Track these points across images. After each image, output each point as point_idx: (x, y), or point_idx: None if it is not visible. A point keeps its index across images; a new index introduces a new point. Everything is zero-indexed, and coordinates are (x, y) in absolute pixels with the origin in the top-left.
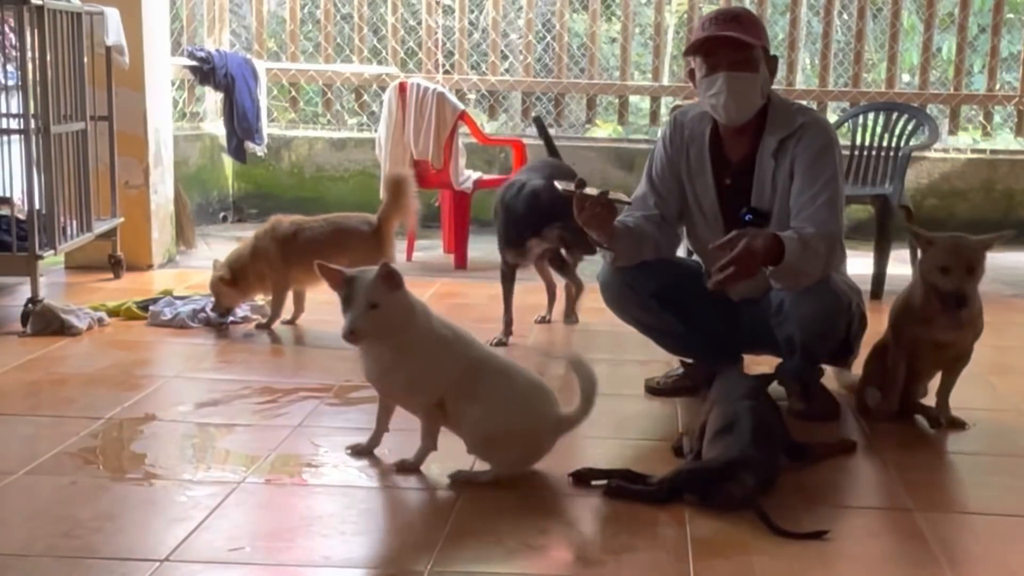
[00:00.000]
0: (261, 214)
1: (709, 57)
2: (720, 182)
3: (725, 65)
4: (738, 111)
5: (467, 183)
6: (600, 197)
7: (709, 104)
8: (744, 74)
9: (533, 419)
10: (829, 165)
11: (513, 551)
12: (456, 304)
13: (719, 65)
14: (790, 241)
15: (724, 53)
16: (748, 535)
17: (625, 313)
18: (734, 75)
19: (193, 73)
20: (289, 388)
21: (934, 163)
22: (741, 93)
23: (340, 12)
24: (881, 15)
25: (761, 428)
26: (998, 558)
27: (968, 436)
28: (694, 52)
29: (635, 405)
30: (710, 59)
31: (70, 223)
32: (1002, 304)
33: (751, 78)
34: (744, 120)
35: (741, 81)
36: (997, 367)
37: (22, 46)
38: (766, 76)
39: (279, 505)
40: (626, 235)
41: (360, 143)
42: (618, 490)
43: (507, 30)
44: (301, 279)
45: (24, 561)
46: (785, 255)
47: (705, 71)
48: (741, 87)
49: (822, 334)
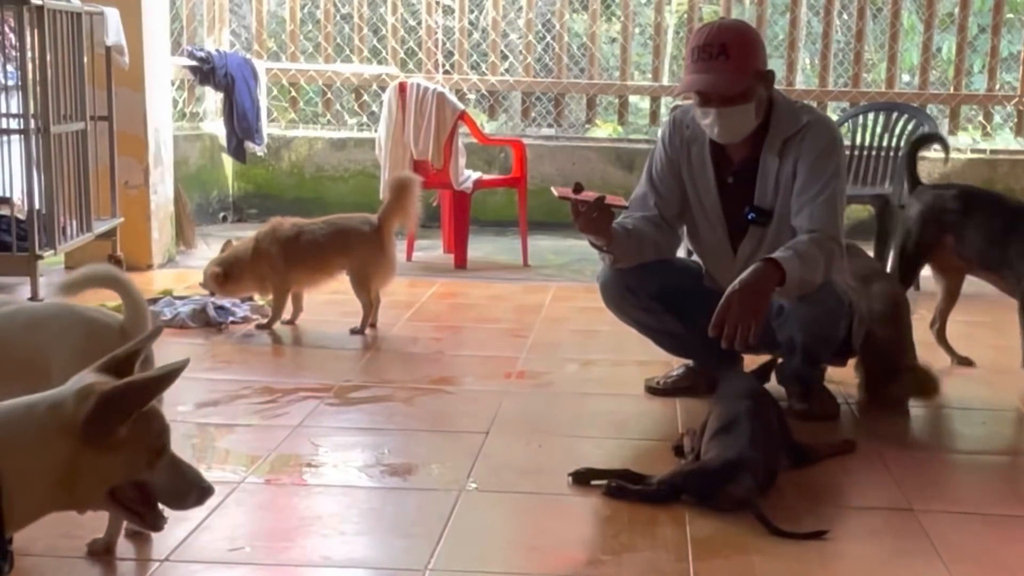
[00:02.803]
0: (261, 214)
1: (699, 94)
2: (722, 181)
3: (716, 102)
4: (732, 137)
5: (467, 183)
6: (596, 202)
7: (705, 127)
8: (736, 108)
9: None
10: (831, 164)
11: (513, 551)
12: (456, 304)
13: (710, 101)
14: (788, 262)
15: (714, 94)
16: (748, 535)
17: (625, 315)
18: (726, 111)
19: (193, 73)
20: (289, 388)
21: (934, 163)
22: (734, 124)
23: (340, 12)
24: (881, 15)
25: (760, 428)
26: (998, 558)
27: (968, 436)
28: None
29: (635, 405)
30: (700, 96)
31: (70, 223)
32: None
33: (744, 109)
34: (739, 140)
35: (734, 115)
36: (997, 367)
37: (22, 46)
38: (761, 97)
39: (279, 505)
40: (625, 237)
41: (360, 143)
42: (618, 490)
43: (507, 30)
44: (302, 280)
45: (24, 561)
46: (787, 278)
47: (698, 102)
48: (734, 120)
49: (823, 336)
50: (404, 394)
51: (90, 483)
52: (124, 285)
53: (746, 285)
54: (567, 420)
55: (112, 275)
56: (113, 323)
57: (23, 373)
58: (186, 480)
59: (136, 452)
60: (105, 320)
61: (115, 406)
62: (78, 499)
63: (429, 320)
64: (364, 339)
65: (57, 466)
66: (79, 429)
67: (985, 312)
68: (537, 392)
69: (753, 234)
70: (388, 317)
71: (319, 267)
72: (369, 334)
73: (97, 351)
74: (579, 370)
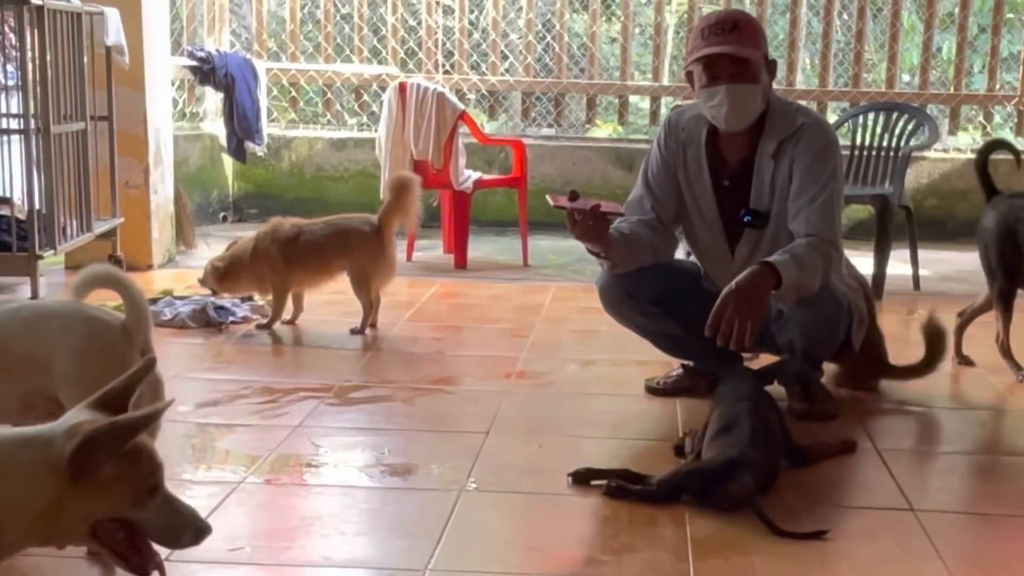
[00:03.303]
0: (261, 214)
1: (710, 68)
2: (718, 184)
3: (726, 77)
4: (739, 121)
5: (467, 183)
6: (592, 210)
7: (709, 114)
8: (746, 86)
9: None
10: (828, 166)
11: (513, 551)
12: (456, 304)
13: (720, 77)
14: (784, 266)
15: (725, 66)
16: (748, 535)
17: (624, 319)
18: (736, 87)
19: (193, 73)
20: (289, 388)
21: (934, 163)
22: (743, 104)
23: (340, 12)
24: (881, 15)
25: (760, 428)
26: (998, 558)
27: (968, 436)
28: (696, 60)
29: (635, 405)
30: (711, 70)
31: (70, 223)
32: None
33: (752, 89)
34: (744, 127)
35: (743, 93)
36: (997, 367)
37: (22, 46)
38: (766, 83)
39: (279, 505)
40: (622, 243)
41: (360, 143)
42: (618, 490)
43: (507, 30)
44: (301, 280)
45: (24, 561)
46: (783, 281)
47: (706, 82)
48: (743, 98)
49: (823, 340)
50: (404, 394)
51: (73, 519)
52: (124, 284)
53: (741, 287)
54: (567, 420)
55: (112, 275)
56: (114, 322)
57: (24, 370)
58: (181, 520)
59: (123, 490)
60: (106, 319)
61: (100, 444)
62: (59, 534)
63: (429, 320)
64: (364, 339)
65: (42, 502)
66: (65, 466)
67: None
68: (537, 392)
69: (750, 236)
70: (388, 317)
71: (319, 268)
72: (369, 334)
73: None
74: (579, 370)
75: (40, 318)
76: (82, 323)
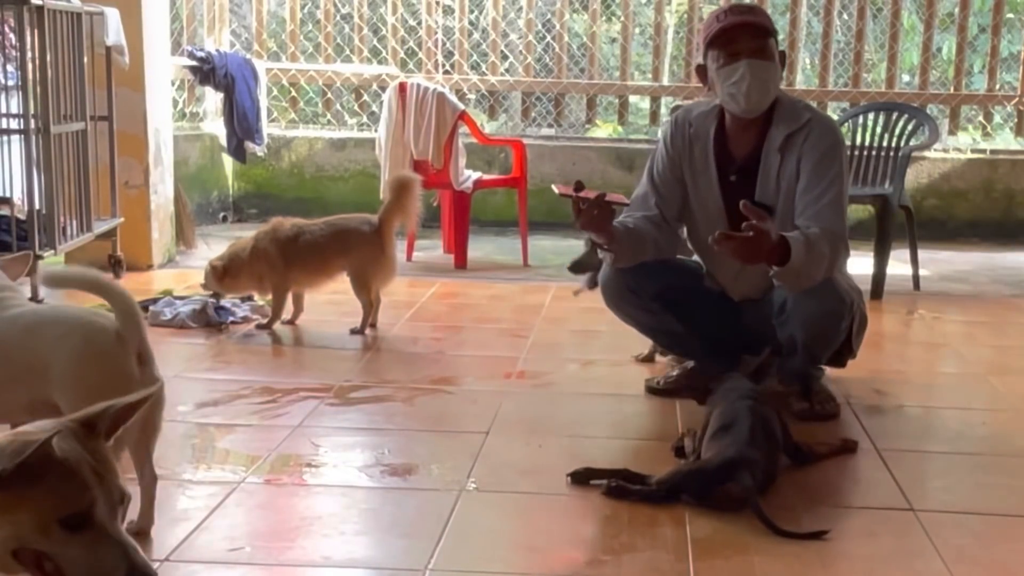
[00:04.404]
0: (261, 214)
1: (730, 45)
2: (724, 179)
3: (747, 53)
4: (759, 98)
5: (467, 183)
6: (597, 199)
7: (728, 94)
8: (765, 62)
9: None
10: (835, 164)
11: (513, 551)
12: (456, 304)
13: (741, 53)
14: (796, 243)
15: (745, 41)
16: (748, 535)
17: (626, 314)
18: (756, 62)
19: (193, 73)
20: (289, 388)
21: (934, 163)
22: (763, 80)
23: (340, 12)
24: (881, 15)
25: (760, 428)
26: (998, 558)
27: (968, 436)
28: (714, 41)
29: (635, 405)
30: (731, 47)
31: (70, 223)
32: (1002, 304)
33: (771, 66)
34: (761, 110)
35: (763, 68)
36: (997, 367)
37: (22, 46)
38: (779, 68)
39: (279, 505)
40: (626, 236)
41: (360, 143)
42: (618, 490)
43: (507, 30)
44: (301, 280)
45: None
46: (791, 256)
47: (724, 60)
48: (763, 74)
49: (825, 335)
50: (404, 394)
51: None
52: (110, 292)
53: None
54: (567, 420)
55: (97, 282)
56: (111, 327)
57: (23, 377)
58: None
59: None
60: (103, 324)
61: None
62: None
63: (429, 320)
64: (364, 339)
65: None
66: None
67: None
68: (537, 392)
69: None
70: (388, 317)
71: (319, 268)
72: (369, 334)
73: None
74: (579, 370)
75: (38, 325)
76: (79, 329)
